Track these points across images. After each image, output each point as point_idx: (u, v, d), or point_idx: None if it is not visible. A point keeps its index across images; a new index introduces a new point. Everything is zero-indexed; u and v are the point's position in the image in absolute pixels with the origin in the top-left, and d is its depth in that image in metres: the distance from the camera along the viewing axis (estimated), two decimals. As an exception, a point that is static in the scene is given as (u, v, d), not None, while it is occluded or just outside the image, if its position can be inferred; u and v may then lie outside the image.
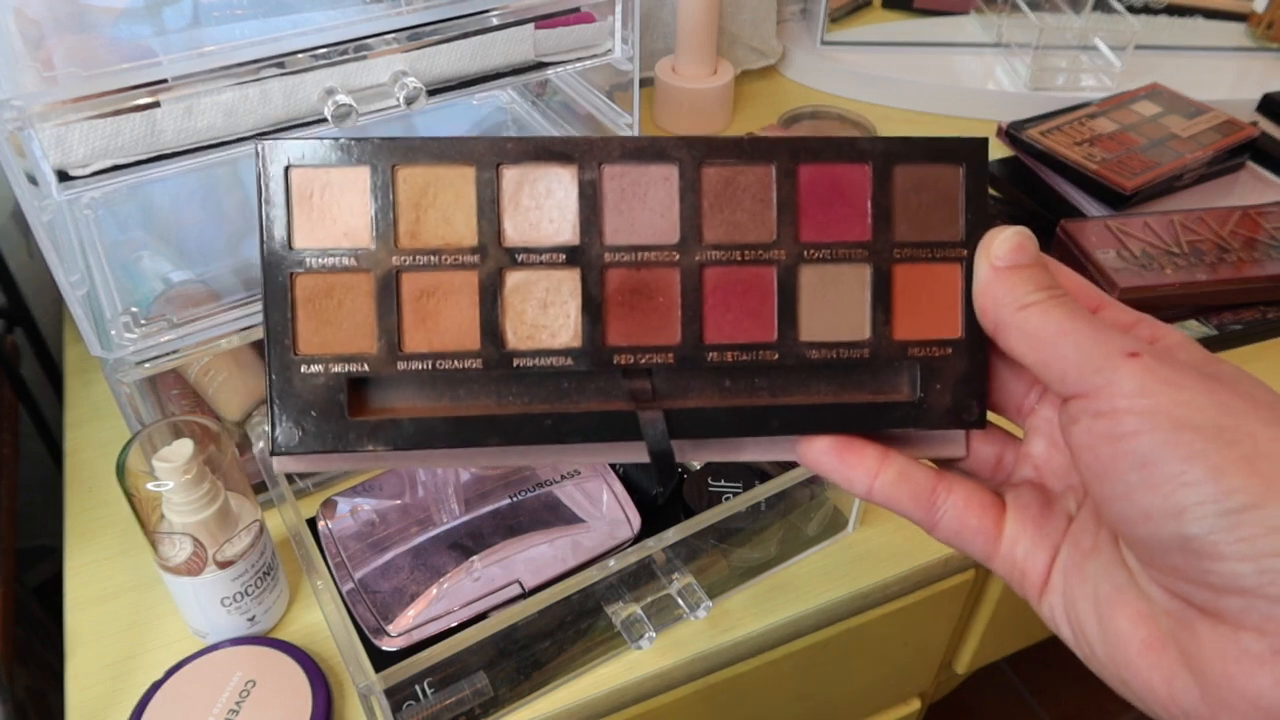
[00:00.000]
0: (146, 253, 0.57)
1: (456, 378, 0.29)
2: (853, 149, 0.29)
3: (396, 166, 0.28)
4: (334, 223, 0.28)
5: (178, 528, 0.46)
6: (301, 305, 0.28)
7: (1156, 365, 0.24)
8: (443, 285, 0.29)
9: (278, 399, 0.28)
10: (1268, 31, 1.01)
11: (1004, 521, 0.29)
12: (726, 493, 0.54)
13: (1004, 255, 0.28)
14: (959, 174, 0.30)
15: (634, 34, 0.56)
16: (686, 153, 0.29)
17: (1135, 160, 0.79)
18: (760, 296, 0.29)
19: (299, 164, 0.28)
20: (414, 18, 0.50)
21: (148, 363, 0.50)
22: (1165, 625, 0.25)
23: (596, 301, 0.29)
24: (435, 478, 0.55)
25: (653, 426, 0.29)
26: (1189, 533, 0.23)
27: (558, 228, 0.29)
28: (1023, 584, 0.28)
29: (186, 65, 0.45)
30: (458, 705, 0.47)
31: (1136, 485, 0.24)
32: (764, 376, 0.30)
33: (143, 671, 0.50)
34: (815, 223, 0.29)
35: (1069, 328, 0.26)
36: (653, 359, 0.29)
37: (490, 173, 0.28)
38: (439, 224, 0.28)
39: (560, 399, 0.29)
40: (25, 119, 0.42)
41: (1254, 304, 0.71)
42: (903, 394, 0.30)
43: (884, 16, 1.04)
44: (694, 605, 0.50)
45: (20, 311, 0.80)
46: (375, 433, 0.28)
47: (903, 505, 0.29)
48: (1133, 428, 0.24)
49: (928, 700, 0.79)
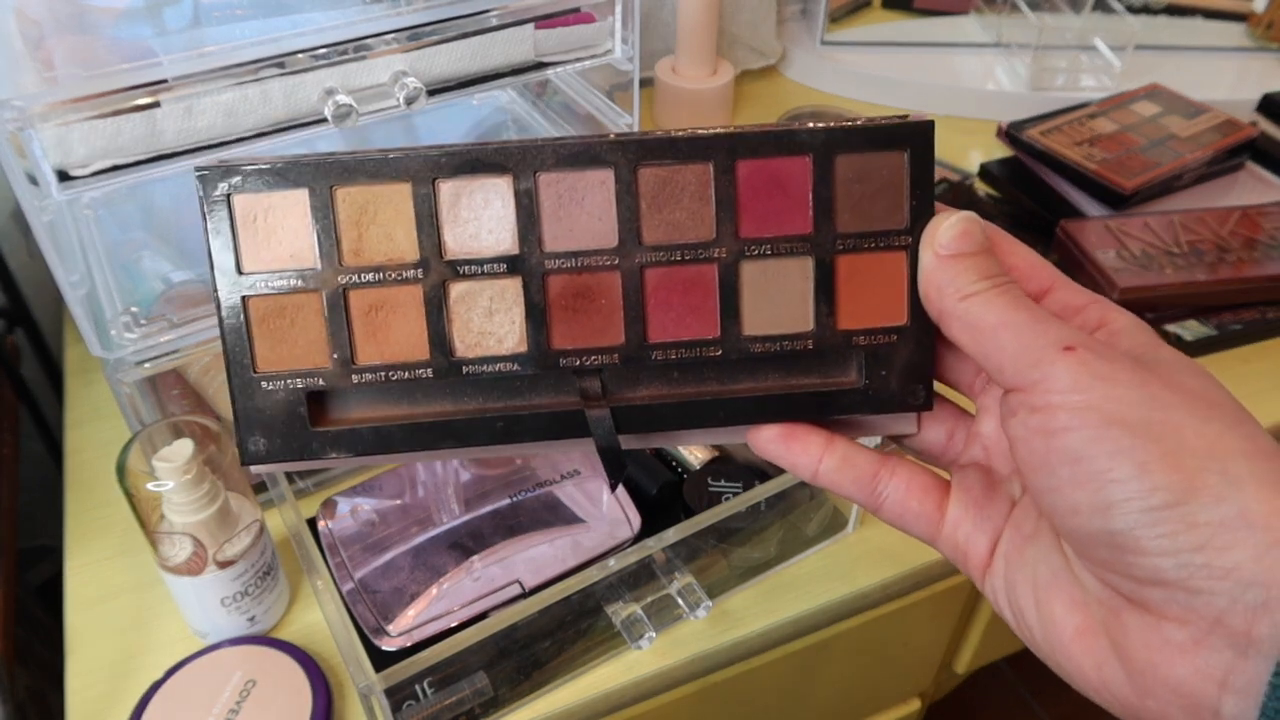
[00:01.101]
0: (146, 253, 0.57)
1: (410, 386, 0.30)
2: (792, 141, 0.29)
3: (334, 187, 0.29)
4: (280, 245, 0.29)
5: (178, 528, 0.46)
6: (256, 326, 0.29)
7: (1092, 359, 0.24)
8: (389, 300, 0.29)
9: (242, 415, 0.29)
10: (1268, 31, 1.01)
11: (946, 504, 0.29)
12: (726, 493, 0.54)
13: (948, 243, 0.27)
14: (903, 160, 0.29)
15: (634, 34, 0.56)
16: (621, 155, 0.29)
17: (1135, 160, 0.79)
18: (702, 294, 0.30)
19: (240, 190, 0.28)
20: (414, 18, 0.50)
21: (148, 363, 0.50)
22: (1097, 613, 0.25)
23: (540, 308, 0.29)
24: (435, 478, 0.55)
25: (600, 424, 0.30)
26: (1114, 528, 0.23)
27: (497, 238, 0.29)
28: (966, 565, 0.29)
29: (186, 65, 0.45)
30: (458, 705, 0.47)
31: (1067, 480, 0.24)
32: (711, 369, 0.30)
33: (143, 671, 0.50)
34: (755, 218, 0.29)
35: (1009, 319, 0.26)
36: (598, 360, 0.30)
37: (426, 188, 0.29)
38: (381, 240, 0.29)
39: (512, 398, 0.30)
40: (25, 119, 0.42)
41: (1254, 304, 0.71)
42: (850, 380, 0.30)
43: (884, 16, 1.04)
44: (694, 605, 0.50)
45: (20, 311, 0.80)
46: (336, 441, 0.30)
47: (846, 489, 0.30)
48: (1064, 423, 0.24)
49: (928, 700, 0.79)
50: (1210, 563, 0.22)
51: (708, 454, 0.57)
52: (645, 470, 0.56)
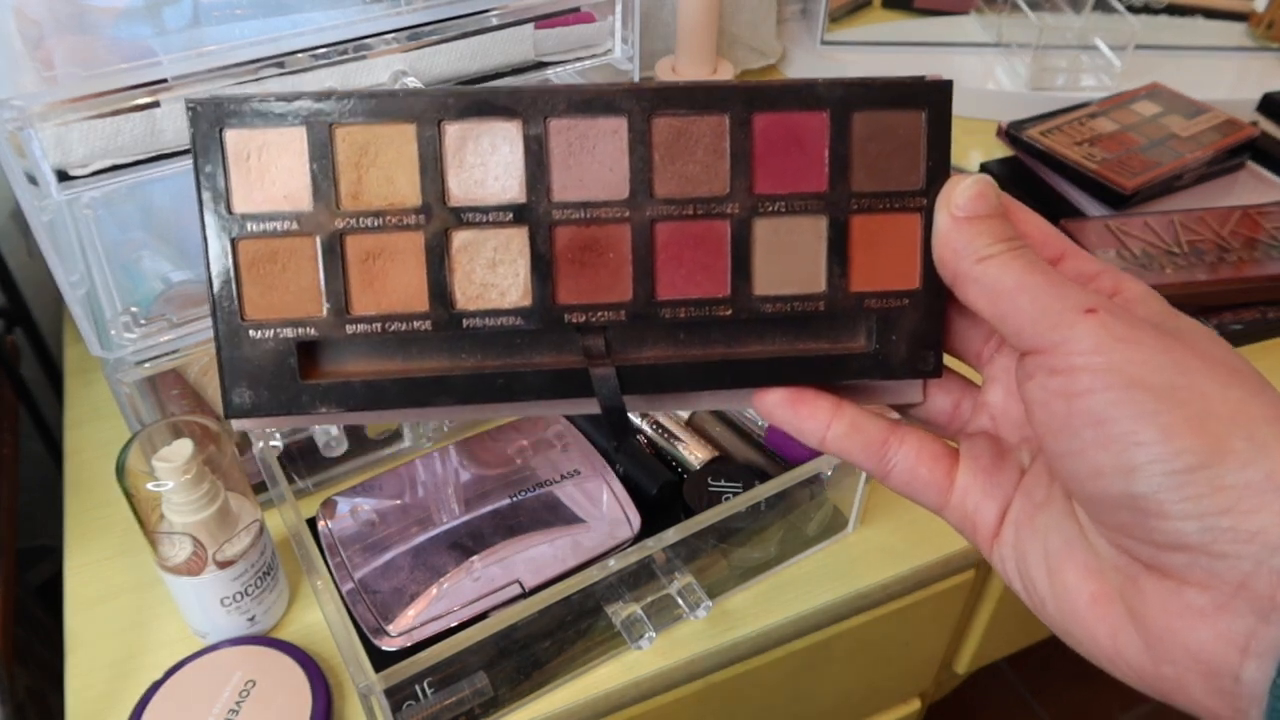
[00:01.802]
0: (146, 253, 0.57)
1: (407, 338, 0.28)
2: (811, 95, 0.28)
3: (334, 125, 0.27)
4: (273, 185, 0.27)
5: (178, 528, 0.46)
6: (246, 270, 0.28)
7: (1113, 322, 0.24)
8: (388, 247, 0.28)
9: (228, 365, 0.28)
10: (1268, 31, 1.01)
11: (955, 472, 0.29)
12: (726, 493, 0.54)
13: (964, 205, 0.27)
14: (920, 119, 0.28)
15: (634, 34, 0.56)
16: (635, 103, 0.28)
17: (1135, 160, 0.79)
18: (713, 251, 0.29)
19: (233, 125, 0.27)
20: (414, 18, 0.50)
21: (148, 363, 0.50)
22: (1113, 579, 0.25)
23: (546, 260, 0.28)
24: (435, 478, 0.55)
25: (604, 384, 0.28)
26: (1137, 491, 0.23)
27: (504, 185, 0.28)
28: (974, 535, 0.29)
29: (186, 65, 0.45)
30: (458, 705, 0.47)
31: (1089, 443, 0.24)
32: (719, 329, 0.29)
33: (143, 671, 0.50)
34: (770, 174, 0.29)
35: (1027, 282, 0.25)
36: (604, 316, 0.29)
37: (432, 129, 0.27)
38: (381, 184, 0.28)
39: (512, 355, 0.29)
40: (25, 119, 0.42)
41: (1254, 304, 0.71)
42: (859, 345, 0.30)
43: (884, 16, 1.04)
44: (694, 605, 0.50)
45: (20, 311, 0.80)
46: (327, 394, 0.28)
47: (855, 456, 0.29)
48: (1087, 385, 0.24)
49: (928, 700, 0.79)
50: (1236, 526, 0.22)
51: (708, 454, 0.57)
52: (645, 470, 0.56)
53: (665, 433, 0.58)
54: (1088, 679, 1.21)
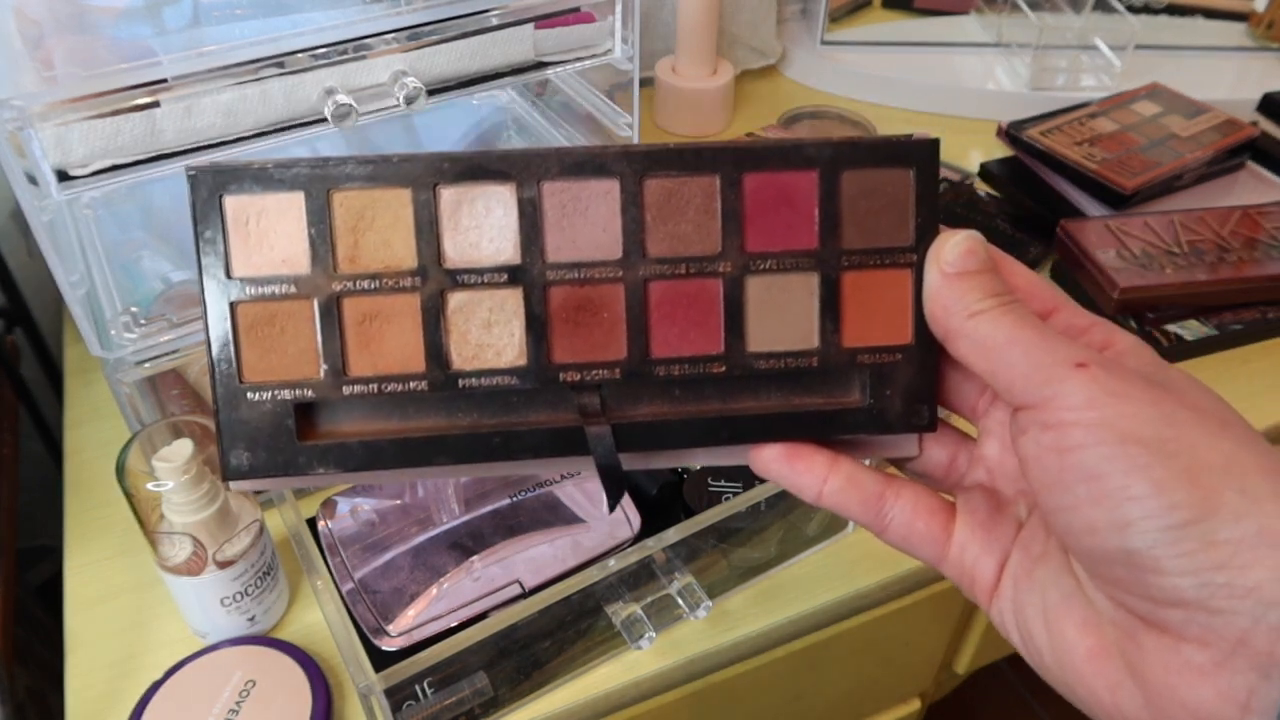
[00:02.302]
0: (146, 253, 0.57)
1: (403, 399, 0.29)
2: (799, 155, 0.29)
3: (331, 191, 0.28)
4: (271, 249, 0.28)
5: (178, 528, 0.46)
6: (244, 333, 0.28)
7: (1104, 376, 0.24)
8: (385, 309, 0.28)
9: (226, 427, 0.28)
10: (1268, 31, 1.01)
11: (953, 526, 0.29)
12: (726, 493, 0.54)
13: (954, 261, 0.27)
14: (909, 177, 0.29)
15: (634, 34, 0.56)
16: (627, 166, 0.28)
17: (1135, 160, 0.79)
18: (706, 309, 0.29)
19: (232, 191, 0.28)
20: (414, 18, 0.50)
21: (148, 363, 0.50)
22: (1111, 634, 0.25)
23: (540, 320, 0.29)
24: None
25: (600, 442, 0.29)
26: (1132, 546, 0.23)
27: (498, 247, 0.28)
28: (972, 589, 0.28)
29: (186, 65, 0.45)
30: (458, 705, 0.47)
31: (1083, 498, 0.24)
32: (714, 386, 0.30)
33: (143, 671, 0.50)
34: (761, 232, 0.29)
35: (1018, 336, 0.25)
36: (599, 375, 0.29)
37: (427, 193, 0.28)
38: (378, 247, 0.28)
39: (508, 413, 0.29)
40: (25, 119, 0.42)
41: (1254, 304, 0.71)
42: (853, 400, 0.30)
43: (884, 16, 1.04)
44: (694, 605, 0.50)
45: (20, 311, 0.80)
46: (325, 456, 0.29)
47: (851, 510, 0.29)
48: (1079, 441, 0.24)
49: (928, 700, 0.79)
50: (1232, 581, 0.22)
51: (708, 454, 0.57)
52: (645, 470, 0.56)
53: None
54: (1088, 679, 1.20)
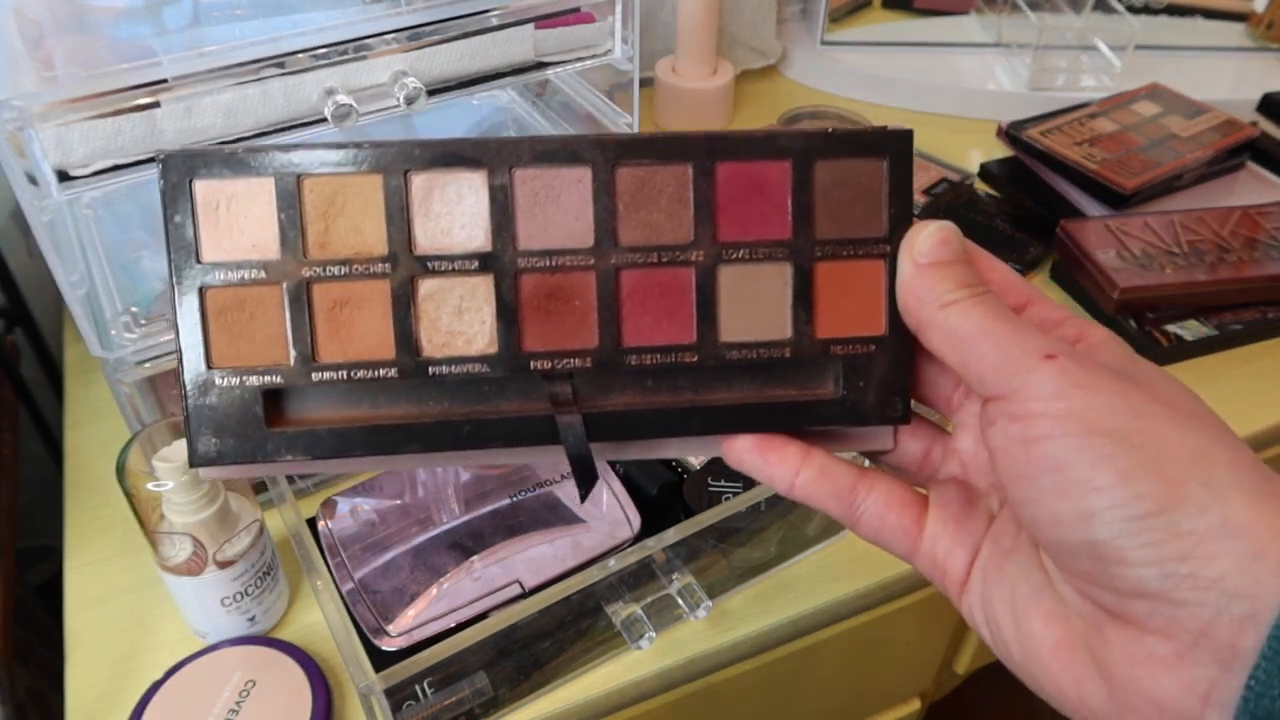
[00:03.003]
0: (146, 253, 0.57)
1: (373, 386, 0.29)
2: (772, 145, 0.29)
3: (302, 176, 0.28)
4: (241, 234, 0.28)
5: (178, 528, 0.46)
6: (213, 319, 0.28)
7: (1073, 367, 0.24)
8: (355, 295, 0.28)
9: (194, 413, 0.28)
10: (1268, 31, 1.01)
11: (925, 519, 0.29)
12: (726, 493, 0.54)
13: (926, 251, 0.27)
14: (882, 168, 0.29)
15: (634, 34, 0.56)
16: (599, 154, 0.28)
17: (1135, 160, 0.79)
18: (678, 298, 0.29)
19: (203, 176, 0.27)
20: (414, 18, 0.50)
21: (148, 363, 0.50)
22: (1077, 627, 0.25)
23: (511, 307, 0.28)
24: (435, 478, 0.55)
25: (570, 431, 0.29)
26: (1097, 538, 0.23)
27: (470, 234, 0.28)
28: (944, 582, 0.28)
29: (186, 65, 0.45)
30: (458, 705, 0.47)
31: (1049, 490, 0.24)
32: (686, 376, 0.30)
33: (143, 671, 0.50)
34: (734, 222, 0.29)
35: (988, 328, 0.25)
36: (570, 364, 0.29)
37: (398, 179, 0.28)
38: (348, 233, 0.28)
39: (480, 402, 0.29)
40: (25, 119, 0.42)
41: (1254, 304, 0.71)
42: (827, 391, 0.30)
43: (884, 16, 1.04)
44: (694, 605, 0.50)
45: (20, 311, 0.80)
46: (293, 443, 0.28)
47: (824, 502, 0.29)
48: (1046, 432, 0.24)
49: (928, 700, 0.79)
50: (1195, 573, 0.22)
51: (708, 454, 0.57)
52: (645, 470, 0.56)
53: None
54: (1088, 679, 1.20)
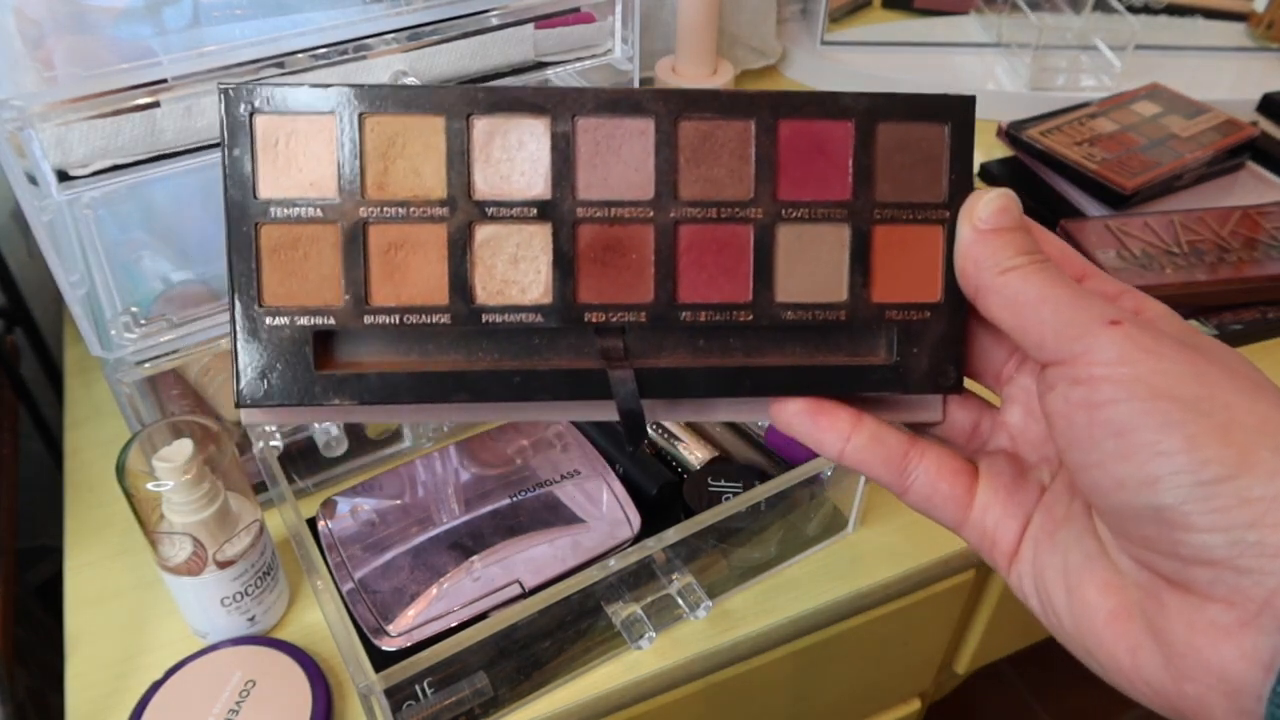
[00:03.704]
0: (146, 253, 0.57)
1: (424, 332, 0.28)
2: (835, 105, 0.28)
3: (364, 115, 0.27)
4: (300, 171, 0.27)
5: (178, 528, 0.46)
6: (267, 256, 0.28)
7: (1137, 333, 0.24)
8: (411, 238, 0.28)
9: (243, 350, 0.28)
10: (1268, 31, 1.01)
11: (976, 489, 0.29)
12: (726, 493, 0.54)
13: (987, 218, 0.27)
14: (944, 133, 0.29)
15: (634, 34, 0.56)
16: (663, 105, 0.28)
17: (1135, 160, 0.79)
18: (736, 255, 0.29)
19: (264, 110, 0.27)
20: (414, 18, 0.50)
21: (148, 363, 0.50)
22: (1133, 595, 0.25)
23: (568, 258, 0.28)
24: (435, 478, 0.55)
25: (623, 385, 0.28)
26: (1162, 503, 0.23)
27: (529, 181, 0.28)
28: (992, 552, 0.28)
29: (186, 65, 0.45)
30: (458, 705, 0.46)
31: (1111, 454, 0.23)
32: (738, 337, 0.29)
33: (143, 671, 0.50)
34: (794, 180, 0.29)
35: (1050, 294, 0.25)
36: (624, 317, 0.28)
37: (460, 123, 0.28)
38: (407, 175, 0.28)
39: (530, 355, 0.29)
40: (25, 119, 0.42)
41: (1254, 304, 0.71)
42: (879, 357, 0.29)
43: (884, 16, 1.04)
44: (694, 605, 0.50)
45: (20, 311, 0.80)
46: (341, 386, 0.28)
47: (874, 469, 0.29)
48: (1110, 395, 0.24)
49: (928, 700, 0.79)
50: (1263, 540, 0.21)
51: (708, 454, 0.57)
52: (645, 470, 0.56)
53: (665, 433, 0.58)
54: (1088, 680, 1.21)
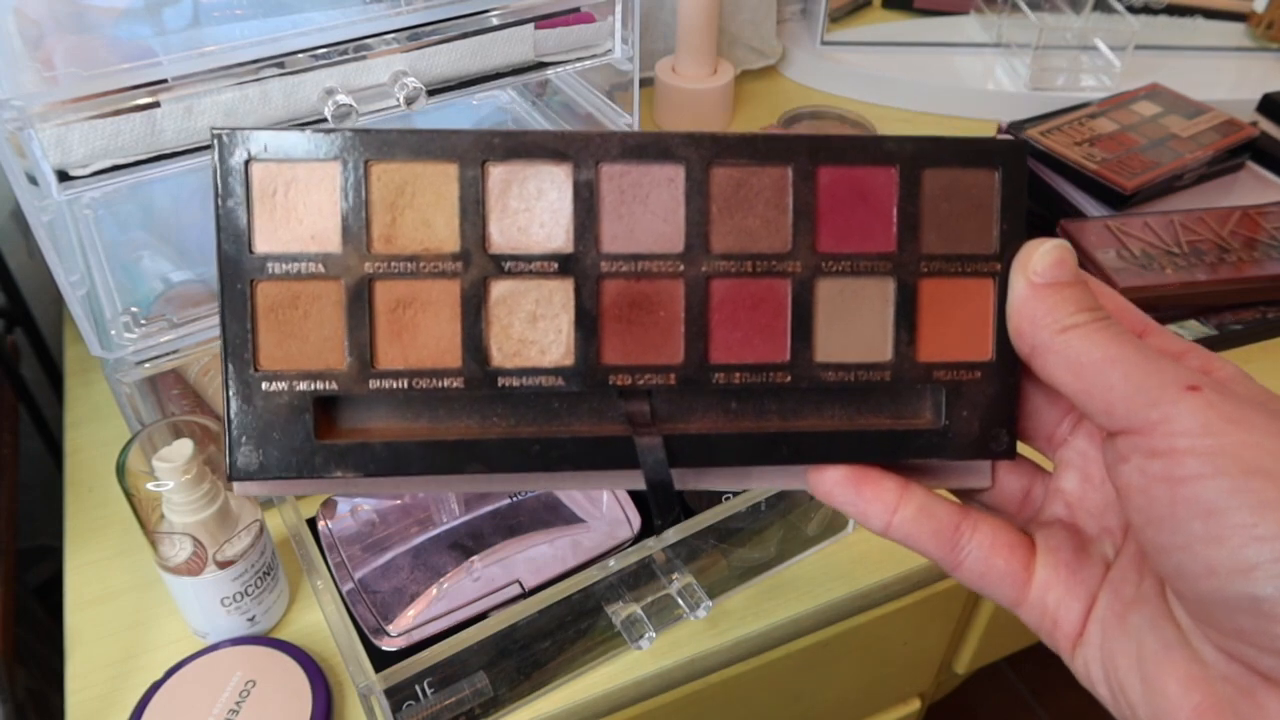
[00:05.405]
0: (146, 253, 0.57)
1: (435, 397, 0.26)
2: (879, 150, 0.27)
3: (370, 162, 0.25)
4: (299, 224, 0.25)
5: (178, 528, 0.46)
6: (263, 316, 0.25)
7: (1220, 401, 0.22)
8: (420, 295, 0.26)
9: (237, 419, 0.25)
10: (1268, 31, 1.01)
11: (1034, 564, 0.26)
12: (726, 493, 0.54)
13: (1044, 271, 0.25)
14: (994, 179, 0.27)
15: (634, 34, 0.56)
16: (694, 151, 0.26)
17: (1135, 160, 0.79)
18: (772, 312, 0.27)
19: (261, 157, 0.25)
20: (414, 18, 0.50)
21: (148, 363, 0.50)
22: (1223, 691, 0.22)
23: (591, 315, 0.26)
24: (435, 478, 0.55)
25: (650, 454, 0.26)
26: (1260, 593, 0.20)
27: (549, 233, 0.26)
28: (1053, 634, 0.26)
29: (186, 65, 0.45)
30: (458, 705, 0.46)
31: (1199, 536, 0.21)
32: (774, 399, 0.27)
33: (143, 671, 0.50)
34: (835, 231, 0.27)
35: (1117, 355, 0.23)
36: (652, 380, 0.26)
37: (475, 170, 0.26)
38: (417, 227, 0.26)
39: (549, 421, 0.27)
40: (25, 119, 0.42)
41: (1254, 304, 0.71)
42: (925, 420, 0.27)
43: (884, 16, 1.04)
44: (694, 605, 0.50)
45: (20, 311, 0.80)
46: (344, 457, 0.26)
47: (923, 543, 0.26)
48: (1195, 470, 0.21)
49: (928, 700, 0.79)
50: None
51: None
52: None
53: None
54: (1088, 679, 1.21)
